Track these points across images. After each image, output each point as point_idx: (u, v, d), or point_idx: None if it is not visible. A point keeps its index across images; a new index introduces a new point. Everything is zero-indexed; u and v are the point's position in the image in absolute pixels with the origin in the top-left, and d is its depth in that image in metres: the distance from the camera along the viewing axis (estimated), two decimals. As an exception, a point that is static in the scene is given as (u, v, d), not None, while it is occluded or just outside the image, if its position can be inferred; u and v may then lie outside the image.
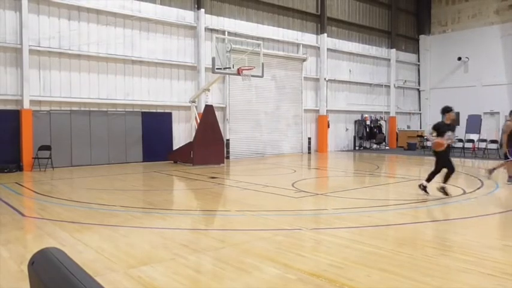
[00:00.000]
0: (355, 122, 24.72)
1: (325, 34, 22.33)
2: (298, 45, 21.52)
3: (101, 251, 5.04)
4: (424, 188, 8.92)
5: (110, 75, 15.70)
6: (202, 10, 17.58)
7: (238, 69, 14.63)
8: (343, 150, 23.68)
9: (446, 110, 8.87)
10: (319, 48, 22.38)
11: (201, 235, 6.09)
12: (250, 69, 14.93)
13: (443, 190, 8.59)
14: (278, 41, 20.60)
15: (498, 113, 24.60)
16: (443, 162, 8.78)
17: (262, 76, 15.80)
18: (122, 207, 7.94)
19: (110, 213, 7.39)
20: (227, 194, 10.13)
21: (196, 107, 16.95)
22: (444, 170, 8.79)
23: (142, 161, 16.26)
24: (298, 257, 4.83)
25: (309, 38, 22.03)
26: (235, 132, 19.06)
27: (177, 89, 17.39)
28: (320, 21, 22.31)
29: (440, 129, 8.71)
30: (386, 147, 25.40)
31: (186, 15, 17.48)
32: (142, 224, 6.52)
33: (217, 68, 14.33)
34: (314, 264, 4.59)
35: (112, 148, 15.66)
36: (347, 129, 24.40)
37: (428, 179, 8.93)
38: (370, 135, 24.86)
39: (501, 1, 24.60)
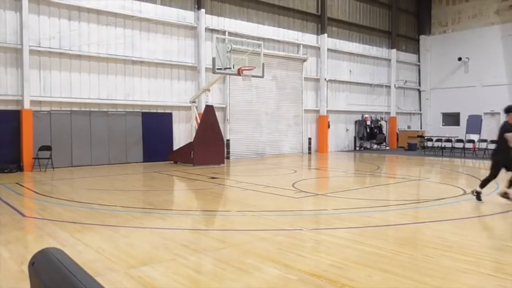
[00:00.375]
0: (356, 122, 24.72)
1: (326, 34, 22.33)
2: (298, 45, 21.53)
3: (101, 251, 5.04)
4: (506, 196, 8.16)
5: (110, 76, 15.71)
6: (203, 10, 17.59)
7: (238, 69, 14.63)
8: (344, 151, 23.68)
9: (510, 109, 8.03)
10: (319, 48, 22.38)
11: (201, 235, 6.09)
12: (250, 69, 14.93)
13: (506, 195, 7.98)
14: (278, 41, 20.61)
15: (498, 113, 24.58)
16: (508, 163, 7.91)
17: (262, 76, 15.80)
18: (122, 207, 7.94)
19: (111, 214, 7.40)
20: (227, 194, 10.13)
21: (196, 107, 16.96)
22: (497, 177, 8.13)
23: (143, 162, 16.26)
24: (299, 257, 4.83)
25: (310, 38, 22.03)
26: (236, 133, 19.06)
27: (177, 89, 17.39)
28: (320, 21, 22.32)
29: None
30: (387, 148, 25.40)
31: (187, 16, 17.49)
32: (143, 224, 6.52)
33: (217, 68, 14.32)
34: (314, 264, 4.59)
35: (112, 148, 15.66)
36: (347, 130, 24.40)
37: (509, 185, 8.13)
38: (370, 135, 24.86)
39: (501, 1, 24.60)
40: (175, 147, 16.92)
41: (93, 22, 15.21)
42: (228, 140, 18.32)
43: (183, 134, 17.42)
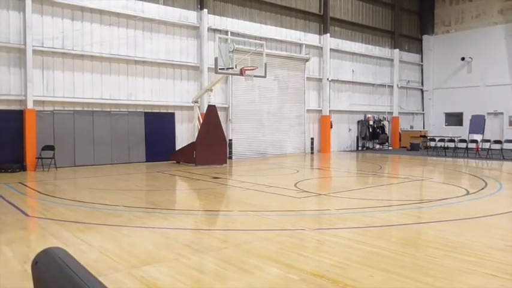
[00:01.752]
0: (358, 122, 24.68)
1: (328, 34, 22.31)
2: (301, 45, 21.51)
3: (104, 251, 5.06)
4: None
5: (113, 76, 15.74)
6: (205, 10, 17.60)
7: (241, 69, 14.64)
8: (346, 151, 23.66)
9: None
10: (322, 48, 22.36)
11: (203, 235, 6.09)
12: (253, 69, 14.94)
13: None
14: (281, 41, 20.60)
15: (502, 113, 24.53)
16: None
17: (265, 76, 15.80)
18: (125, 207, 7.96)
19: (113, 213, 7.41)
20: (230, 194, 10.13)
21: (199, 107, 16.97)
22: None
23: (145, 161, 16.29)
24: (301, 257, 4.83)
25: (312, 38, 22.01)
26: (238, 133, 19.07)
27: (179, 89, 17.41)
28: (323, 21, 22.29)
29: None
30: (389, 148, 25.36)
31: (189, 16, 17.50)
32: (145, 224, 6.53)
33: (220, 68, 14.34)
34: (317, 264, 4.59)
35: (115, 148, 15.69)
36: (350, 130, 24.37)
37: None
38: (373, 135, 24.83)
39: (505, 1, 24.52)
40: (178, 147, 16.94)
41: (96, 22, 15.24)
42: (230, 140, 18.32)
43: (185, 133, 17.44)
